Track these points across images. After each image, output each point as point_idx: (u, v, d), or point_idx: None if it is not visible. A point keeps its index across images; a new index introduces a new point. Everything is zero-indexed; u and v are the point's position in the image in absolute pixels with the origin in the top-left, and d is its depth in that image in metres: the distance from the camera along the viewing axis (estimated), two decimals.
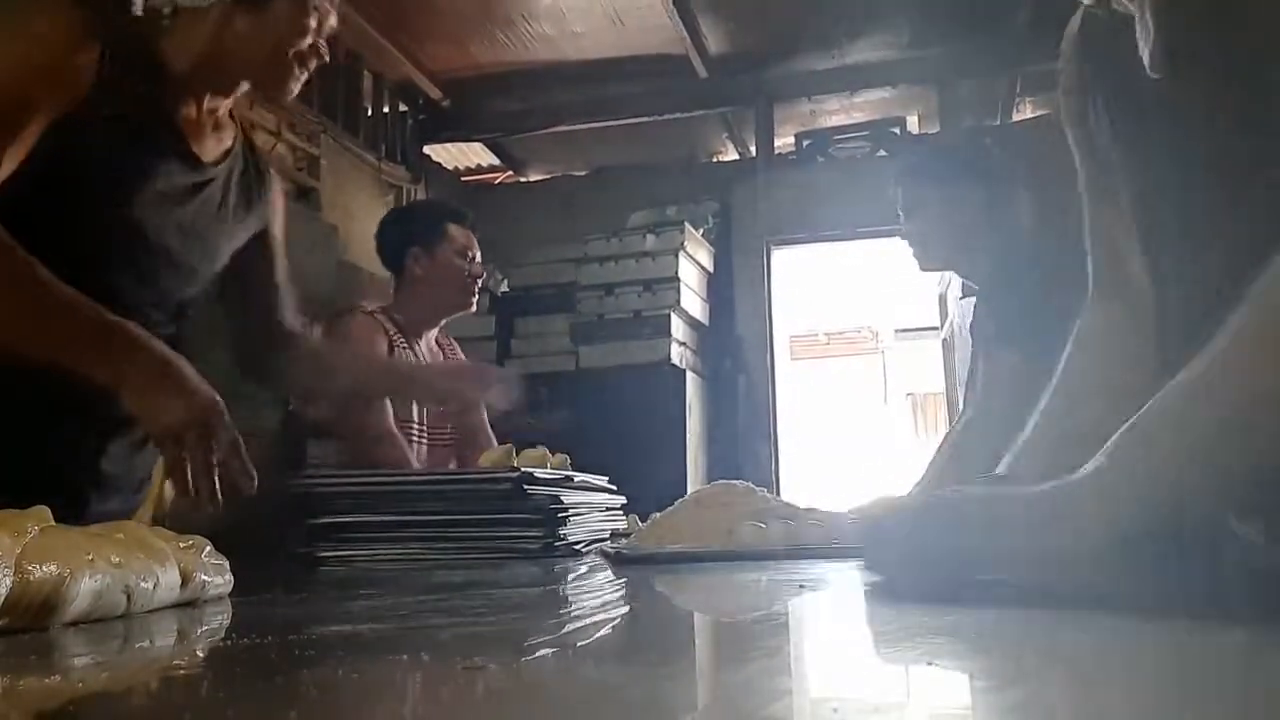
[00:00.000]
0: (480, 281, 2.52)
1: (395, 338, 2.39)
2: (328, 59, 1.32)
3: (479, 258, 2.50)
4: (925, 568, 0.68)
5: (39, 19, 1.15)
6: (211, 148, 1.33)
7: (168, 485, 1.10)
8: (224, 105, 1.33)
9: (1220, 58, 0.67)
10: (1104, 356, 0.91)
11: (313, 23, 1.28)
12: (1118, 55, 0.76)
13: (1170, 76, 0.69)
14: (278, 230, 1.49)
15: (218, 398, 1.14)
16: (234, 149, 1.37)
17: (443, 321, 2.54)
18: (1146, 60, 0.70)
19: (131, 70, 1.20)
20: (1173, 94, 0.73)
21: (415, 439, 2.37)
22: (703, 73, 4.33)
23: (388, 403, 2.29)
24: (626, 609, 0.81)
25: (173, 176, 1.27)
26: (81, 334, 1.10)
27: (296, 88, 1.30)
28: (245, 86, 1.31)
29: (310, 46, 1.28)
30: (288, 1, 1.25)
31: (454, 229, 2.48)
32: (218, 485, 1.11)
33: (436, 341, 2.56)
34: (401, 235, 2.53)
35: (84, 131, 1.15)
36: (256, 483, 1.16)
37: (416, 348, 2.45)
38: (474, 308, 2.56)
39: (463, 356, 2.68)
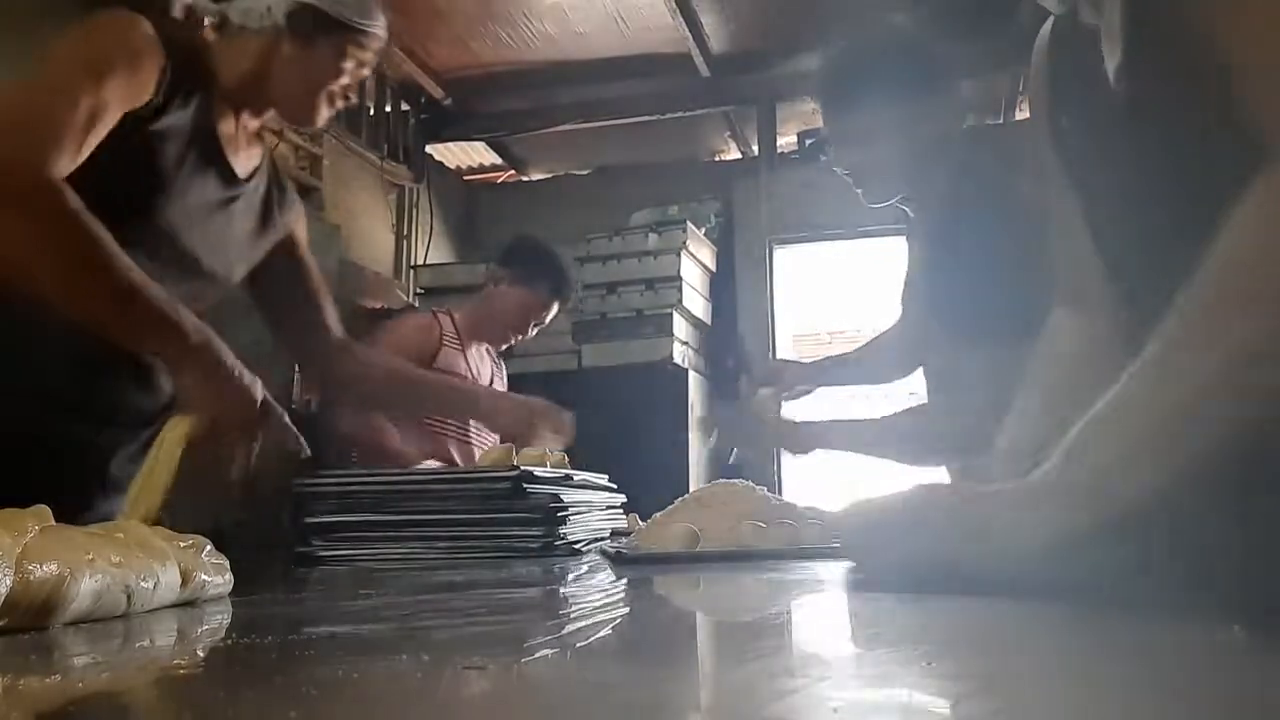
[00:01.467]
0: (517, 343, 2.65)
1: (448, 337, 2.47)
2: (356, 101, 1.40)
3: (537, 330, 2.62)
4: (909, 569, 0.72)
5: (121, 21, 1.19)
6: (244, 163, 1.37)
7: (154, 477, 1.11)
8: (258, 124, 1.37)
9: (1182, 73, 0.68)
10: (1074, 365, 0.93)
11: (350, 66, 1.33)
12: (1087, 65, 0.77)
13: (1133, 89, 0.70)
14: (304, 246, 1.53)
15: (263, 394, 1.19)
16: (261, 166, 1.41)
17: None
18: (1111, 72, 0.72)
19: (188, 81, 1.24)
20: (1136, 107, 0.73)
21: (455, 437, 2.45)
22: (705, 72, 4.33)
23: (391, 425, 2.35)
24: (626, 609, 0.81)
25: (210, 189, 1.31)
26: (149, 313, 1.12)
27: (321, 121, 1.37)
28: (274, 111, 1.36)
29: (343, 87, 1.35)
30: (330, 42, 1.30)
31: (547, 292, 2.57)
32: (243, 474, 1.16)
33: (487, 350, 2.68)
34: (516, 254, 2.65)
35: (139, 136, 1.18)
36: (305, 452, 1.26)
37: (467, 351, 2.53)
38: (500, 349, 2.68)
39: (502, 369, 2.75)
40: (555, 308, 2.61)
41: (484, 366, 2.63)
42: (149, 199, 1.23)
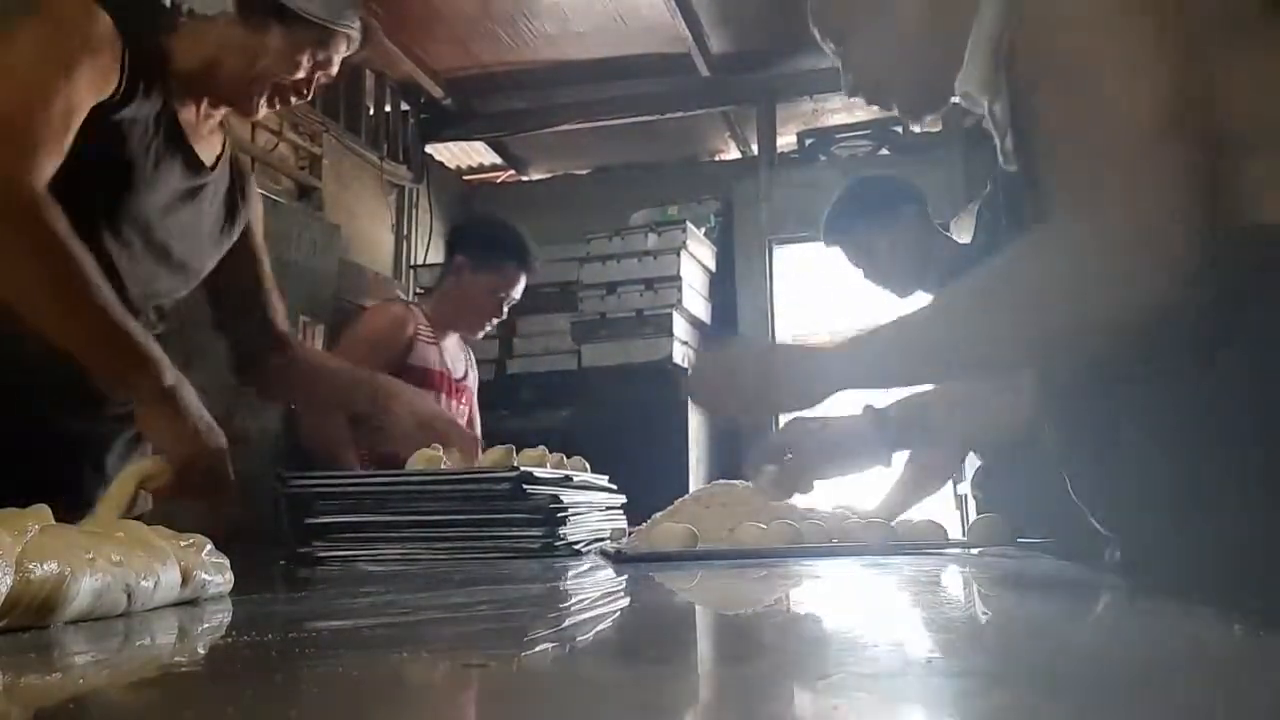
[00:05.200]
0: (496, 322, 2.57)
1: (422, 329, 2.44)
2: (307, 98, 1.35)
3: (512, 303, 2.55)
4: (729, 401, 1.06)
5: (77, 8, 1.15)
6: (208, 152, 1.35)
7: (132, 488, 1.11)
8: (219, 113, 1.34)
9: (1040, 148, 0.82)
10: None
11: (304, 60, 1.28)
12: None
13: (1017, 163, 0.85)
14: (259, 235, 1.50)
15: (222, 442, 1.19)
16: (223, 155, 1.39)
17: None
18: (1000, 154, 0.87)
19: (148, 68, 1.20)
20: (1021, 176, 0.88)
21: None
22: (705, 71, 4.33)
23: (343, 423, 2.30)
24: (625, 608, 0.81)
25: (176, 178, 1.29)
26: (126, 349, 1.12)
27: (258, 113, 1.33)
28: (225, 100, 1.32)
29: (294, 82, 1.30)
30: (284, 33, 1.26)
31: (510, 269, 2.51)
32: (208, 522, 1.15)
33: (460, 341, 2.63)
34: (466, 238, 2.59)
35: (104, 127, 1.16)
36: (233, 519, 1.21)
37: (441, 344, 2.50)
38: (478, 337, 2.62)
39: (472, 360, 2.71)
40: (523, 279, 2.55)
41: (458, 360, 2.59)
42: (118, 191, 1.21)
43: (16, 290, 1.08)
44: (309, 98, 1.35)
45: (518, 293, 2.55)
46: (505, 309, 2.55)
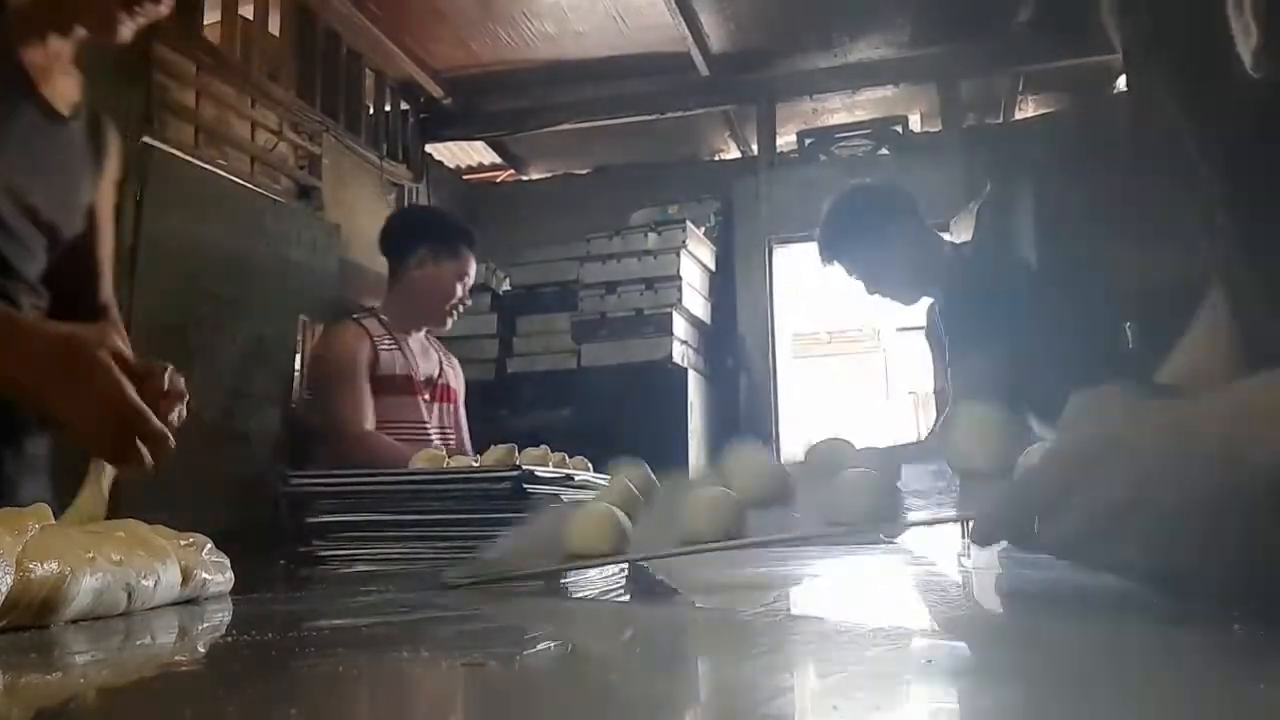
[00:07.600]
0: (461, 308, 2.61)
1: (381, 340, 2.42)
2: (163, 9, 1.16)
3: (469, 286, 2.61)
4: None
5: None
6: (63, 98, 1.22)
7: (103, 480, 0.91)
8: (67, 49, 1.20)
9: None
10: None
11: None
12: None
13: (1274, 78, 0.60)
14: (107, 198, 1.35)
15: (112, 370, 0.95)
16: (82, 102, 1.27)
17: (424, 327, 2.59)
18: (1248, 60, 0.61)
19: None
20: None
21: (432, 443, 2.39)
22: (705, 71, 4.33)
23: (366, 403, 2.31)
24: (625, 605, 0.81)
25: (29, 127, 1.17)
26: None
27: (128, 34, 1.16)
28: (81, 30, 1.17)
29: None
30: None
31: (466, 252, 2.57)
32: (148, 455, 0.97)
33: (427, 338, 2.63)
34: (416, 233, 2.60)
35: None
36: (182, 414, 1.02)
37: (406, 347, 2.48)
38: (447, 327, 2.63)
39: (451, 359, 2.70)
40: (473, 259, 2.62)
41: (427, 357, 2.60)
42: None
43: None
44: (165, 10, 1.17)
45: (473, 273, 2.62)
46: (466, 293, 2.60)
